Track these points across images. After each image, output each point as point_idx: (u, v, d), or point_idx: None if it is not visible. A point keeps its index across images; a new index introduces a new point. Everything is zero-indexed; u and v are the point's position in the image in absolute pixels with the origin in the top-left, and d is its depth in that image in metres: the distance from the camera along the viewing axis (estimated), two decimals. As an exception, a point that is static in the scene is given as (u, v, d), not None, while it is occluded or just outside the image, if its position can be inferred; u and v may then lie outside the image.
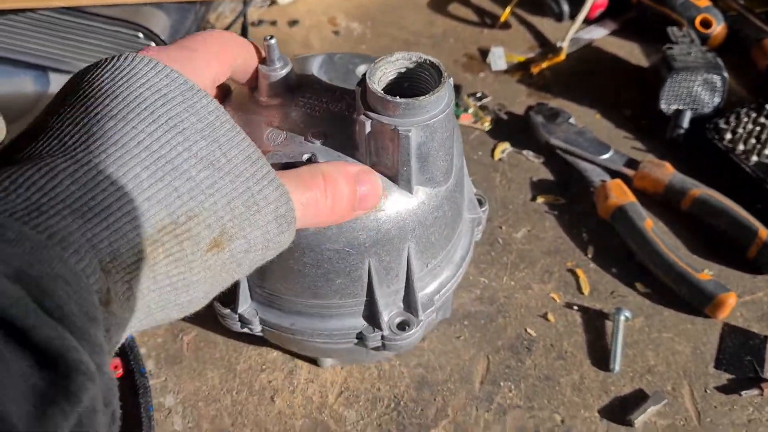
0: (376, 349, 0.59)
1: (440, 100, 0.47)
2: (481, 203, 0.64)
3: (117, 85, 0.37)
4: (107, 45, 0.93)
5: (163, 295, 0.36)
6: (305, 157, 0.50)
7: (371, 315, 0.57)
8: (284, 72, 0.52)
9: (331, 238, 0.51)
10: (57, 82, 0.97)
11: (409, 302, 0.57)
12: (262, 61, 0.52)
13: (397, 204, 0.50)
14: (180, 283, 0.36)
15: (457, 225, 0.58)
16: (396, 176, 0.49)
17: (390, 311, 0.57)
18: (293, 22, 1.10)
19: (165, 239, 0.35)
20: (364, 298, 0.56)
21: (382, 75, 0.49)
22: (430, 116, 0.46)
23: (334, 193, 0.43)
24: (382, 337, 0.57)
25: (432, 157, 0.49)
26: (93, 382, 0.28)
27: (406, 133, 0.45)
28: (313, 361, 0.70)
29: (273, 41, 0.50)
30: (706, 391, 0.67)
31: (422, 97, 0.45)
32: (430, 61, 0.48)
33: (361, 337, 0.58)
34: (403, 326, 0.57)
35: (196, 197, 0.36)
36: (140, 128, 0.35)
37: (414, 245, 0.53)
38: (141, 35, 0.91)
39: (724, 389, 0.67)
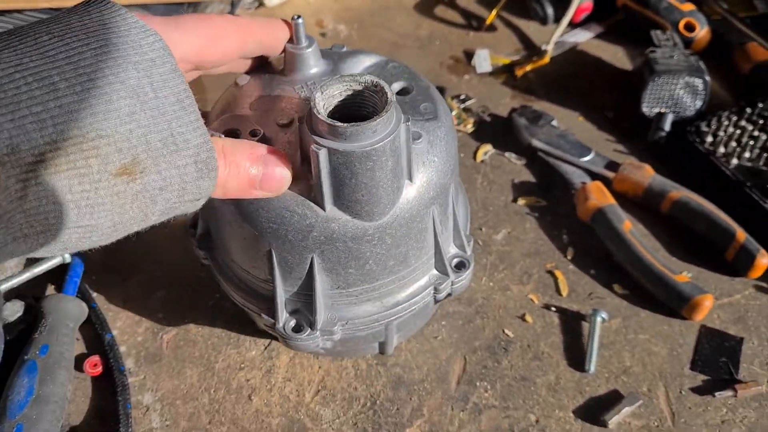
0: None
1: (367, 134, 0.45)
2: (462, 266, 0.60)
3: (70, 15, 0.39)
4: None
5: (65, 211, 0.36)
6: (249, 130, 0.50)
7: (271, 302, 0.57)
8: (307, 51, 0.54)
9: (235, 211, 0.52)
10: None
11: (311, 310, 0.56)
12: (290, 38, 0.54)
13: (306, 212, 0.50)
14: (83, 202, 0.36)
15: (392, 269, 0.56)
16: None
17: (288, 309, 0.57)
18: (281, 24, 1.10)
19: (70, 150, 0.35)
20: (270, 284, 0.56)
21: (340, 90, 0.48)
22: (349, 145, 0.45)
23: (231, 167, 0.43)
24: (275, 328, 0.57)
25: (348, 187, 0.48)
26: None
27: (317, 150, 0.45)
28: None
29: (300, 21, 0.52)
30: (681, 392, 0.67)
31: (341, 124, 0.44)
32: (381, 90, 0.46)
33: (260, 316, 0.59)
34: (297, 329, 0.57)
35: (110, 119, 0.36)
36: (72, 46, 0.36)
37: (320, 260, 0.53)
38: (127, 36, 0.92)
39: (698, 390, 0.67)
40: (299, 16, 0.52)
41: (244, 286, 0.60)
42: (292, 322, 0.57)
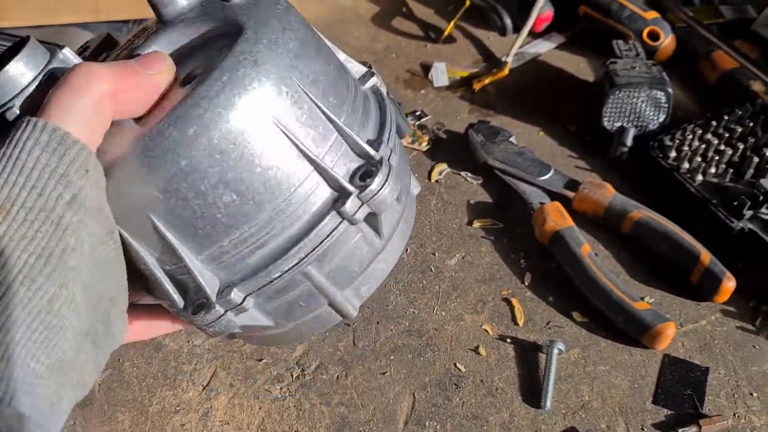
0: None
1: None
2: (369, 175, 0.48)
3: None
4: (30, 66, 0.90)
5: None
6: None
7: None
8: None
9: None
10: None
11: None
12: None
13: None
14: None
15: (257, 201, 0.46)
16: None
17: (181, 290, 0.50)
18: (232, 39, 1.06)
19: None
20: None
21: None
22: None
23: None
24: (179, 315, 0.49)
25: None
26: None
27: None
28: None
29: None
30: (642, 429, 0.63)
31: None
32: None
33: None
34: (196, 310, 0.49)
35: None
36: None
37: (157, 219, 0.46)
38: (63, 56, 0.88)
39: (661, 426, 0.63)
40: None
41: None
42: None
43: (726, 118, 0.83)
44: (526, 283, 0.74)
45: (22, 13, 0.88)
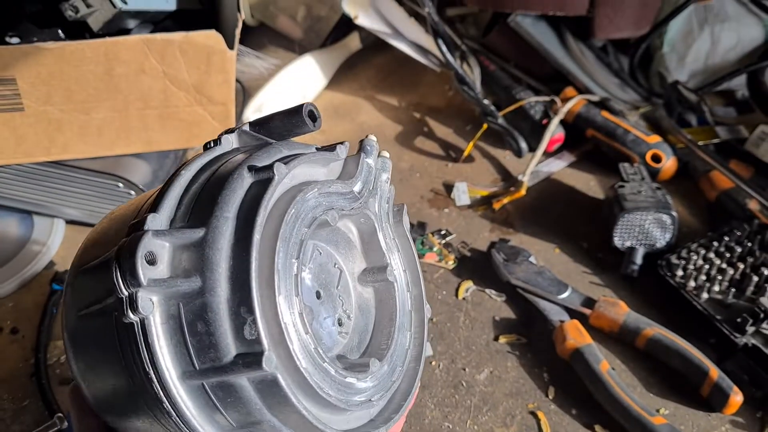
0: None
1: None
2: None
3: None
4: (89, 193, 0.98)
5: None
6: None
7: None
8: None
9: None
10: (40, 225, 1.01)
11: None
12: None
13: None
14: None
15: None
16: None
17: None
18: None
19: None
20: None
21: None
22: None
23: None
24: None
25: None
26: None
27: None
28: None
29: None
30: None
31: None
32: None
33: None
34: None
35: None
36: None
37: None
38: (121, 185, 0.96)
39: None
40: None
41: None
42: None
43: (726, 238, 0.91)
44: (550, 397, 0.81)
45: (82, 146, 0.97)
